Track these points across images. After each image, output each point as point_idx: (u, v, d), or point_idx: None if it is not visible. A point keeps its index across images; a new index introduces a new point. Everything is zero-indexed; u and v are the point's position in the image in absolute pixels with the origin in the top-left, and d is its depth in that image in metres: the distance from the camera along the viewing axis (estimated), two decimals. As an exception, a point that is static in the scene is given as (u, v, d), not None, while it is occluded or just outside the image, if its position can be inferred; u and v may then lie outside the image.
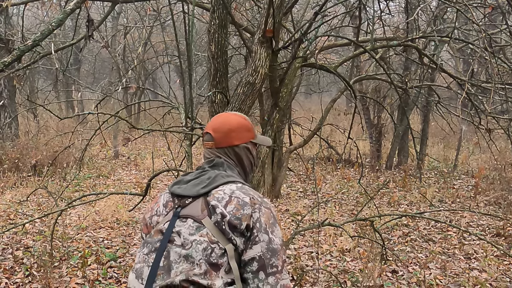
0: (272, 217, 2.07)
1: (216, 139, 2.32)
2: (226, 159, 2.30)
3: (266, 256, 1.97)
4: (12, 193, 9.48)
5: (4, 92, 12.10)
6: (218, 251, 1.97)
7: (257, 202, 2.05)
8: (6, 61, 3.27)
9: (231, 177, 2.17)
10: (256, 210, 2.03)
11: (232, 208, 2.01)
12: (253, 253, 1.98)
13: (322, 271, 6.06)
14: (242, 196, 2.05)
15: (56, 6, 10.07)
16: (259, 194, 2.15)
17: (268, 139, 2.55)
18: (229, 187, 2.10)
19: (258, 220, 2.01)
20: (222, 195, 2.06)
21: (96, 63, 23.29)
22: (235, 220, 1.99)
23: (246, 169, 2.37)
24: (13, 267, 6.01)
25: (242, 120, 2.36)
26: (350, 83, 5.47)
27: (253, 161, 2.40)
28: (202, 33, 15.47)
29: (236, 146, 2.31)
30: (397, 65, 13.51)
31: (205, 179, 2.16)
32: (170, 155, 13.45)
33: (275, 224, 2.06)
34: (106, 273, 5.93)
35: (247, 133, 2.34)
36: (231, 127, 2.31)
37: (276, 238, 2.03)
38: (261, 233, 2.00)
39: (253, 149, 2.40)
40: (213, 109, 4.85)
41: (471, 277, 6.03)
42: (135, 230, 7.70)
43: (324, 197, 10.12)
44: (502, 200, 9.60)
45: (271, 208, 2.11)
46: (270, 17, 4.23)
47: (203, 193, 2.10)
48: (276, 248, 2.00)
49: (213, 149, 2.33)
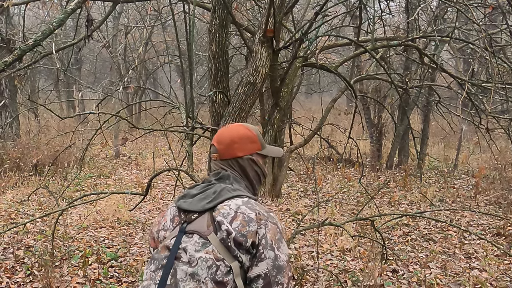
0: (278, 233, 2.03)
1: (219, 150, 2.28)
2: (232, 171, 2.25)
3: (271, 274, 1.95)
4: (13, 192, 9.49)
5: (5, 92, 12.12)
6: (223, 268, 1.94)
7: (263, 218, 2.02)
8: (7, 61, 3.28)
9: (237, 191, 2.13)
10: (262, 226, 1.99)
11: (238, 224, 1.98)
12: (258, 271, 1.95)
13: (323, 271, 6.06)
14: (247, 212, 2.02)
15: (57, 6, 10.09)
16: (265, 208, 2.11)
17: (278, 150, 2.47)
18: (234, 202, 2.07)
19: (264, 236, 1.98)
20: (228, 210, 2.03)
21: (97, 63, 23.32)
22: (241, 237, 1.96)
23: (252, 181, 2.30)
24: (14, 266, 6.01)
25: (246, 131, 2.30)
26: (350, 83, 5.49)
27: (260, 173, 2.33)
28: (203, 33, 15.48)
29: (239, 158, 2.26)
30: (397, 65, 13.53)
31: (211, 194, 2.12)
32: (171, 154, 13.46)
33: (281, 239, 2.03)
34: (107, 272, 5.92)
35: (252, 145, 2.29)
36: (233, 139, 2.26)
37: (282, 255, 2.00)
38: (266, 250, 1.97)
39: (260, 161, 2.33)
40: (214, 108, 4.85)
41: (472, 276, 6.03)
42: (136, 229, 7.71)
43: (324, 197, 10.13)
44: (502, 200, 9.60)
45: (278, 223, 2.07)
46: (271, 17, 4.24)
47: (208, 208, 2.07)
48: (282, 265, 1.98)
49: (218, 161, 2.29)
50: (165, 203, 9.32)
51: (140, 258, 6.40)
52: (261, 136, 2.35)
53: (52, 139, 11.71)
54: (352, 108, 16.97)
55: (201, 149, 15.22)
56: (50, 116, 16.13)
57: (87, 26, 3.64)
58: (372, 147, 13.72)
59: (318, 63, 5.29)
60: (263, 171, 2.33)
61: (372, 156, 13.68)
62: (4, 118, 12.28)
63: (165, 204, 9.24)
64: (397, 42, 5.84)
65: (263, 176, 2.35)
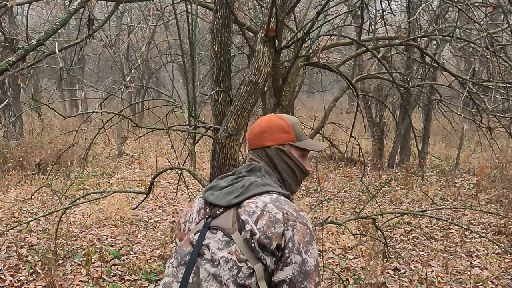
0: (308, 234, 1.89)
1: (249, 140, 2.19)
2: (264, 163, 2.12)
3: (297, 279, 1.82)
4: (16, 191, 9.53)
5: (8, 91, 12.16)
6: (246, 270, 1.84)
7: (291, 219, 1.88)
8: (10, 60, 3.31)
9: (267, 187, 2.00)
10: (290, 228, 1.86)
11: (263, 225, 1.86)
12: (283, 275, 1.83)
13: (325, 269, 6.09)
14: (274, 212, 1.88)
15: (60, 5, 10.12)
16: (295, 207, 1.95)
17: (320, 145, 2.26)
18: (262, 199, 1.94)
19: (291, 239, 1.85)
20: (254, 208, 1.91)
21: (100, 62, 23.31)
22: (265, 239, 1.84)
23: (282, 174, 2.13)
24: (18, 264, 6.05)
25: (278, 120, 2.16)
26: (352, 82, 5.50)
27: (294, 166, 2.14)
28: (205, 33, 15.49)
29: (267, 147, 2.12)
30: (399, 64, 13.53)
31: (239, 188, 2.00)
32: (173, 153, 13.47)
33: (311, 242, 1.89)
34: (110, 270, 5.96)
35: (283, 135, 2.13)
36: (263, 128, 2.15)
37: (311, 259, 1.86)
38: (293, 254, 1.84)
39: (294, 153, 2.14)
40: (216, 108, 4.87)
41: (473, 274, 6.05)
42: (138, 228, 7.75)
43: (326, 195, 10.15)
44: (503, 198, 9.61)
45: (308, 223, 1.92)
46: (273, 16, 4.25)
47: (234, 203, 1.95)
48: (309, 270, 1.84)
49: (249, 152, 2.19)
50: (167, 202, 9.35)
51: (143, 256, 6.43)
52: (300, 128, 2.18)
53: (55, 138, 11.74)
54: (353, 107, 16.97)
55: (204, 148, 15.24)
56: (53, 115, 16.14)
57: (88, 26, 3.68)
58: (373, 146, 13.74)
59: (320, 62, 5.31)
60: (298, 165, 2.15)
61: (373, 155, 13.70)
62: (8, 117, 12.33)
63: (168, 203, 9.27)
64: (399, 41, 5.85)
65: (299, 170, 2.16)
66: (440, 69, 6.03)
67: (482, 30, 4.84)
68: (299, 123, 2.20)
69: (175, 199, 9.43)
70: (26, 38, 7.07)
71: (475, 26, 7.16)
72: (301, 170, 2.17)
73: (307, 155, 2.21)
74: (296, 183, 2.19)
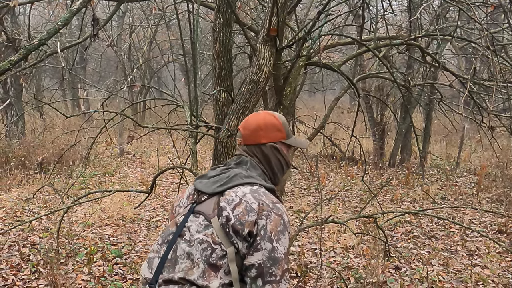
0: (281, 224, 2.03)
1: (244, 136, 2.31)
2: (252, 157, 2.28)
3: (266, 265, 1.97)
4: (18, 190, 9.54)
5: (10, 91, 12.18)
6: (219, 252, 2.01)
7: (265, 209, 2.03)
8: (13, 60, 3.32)
9: (250, 179, 2.16)
10: (263, 217, 2.01)
11: (239, 212, 2.02)
12: (253, 260, 1.99)
13: (326, 268, 6.11)
14: (251, 201, 2.05)
15: (62, 5, 10.12)
16: (273, 198, 2.12)
17: (304, 142, 2.49)
18: (242, 189, 2.11)
19: (263, 227, 2.00)
20: (233, 197, 2.08)
21: (101, 61, 23.36)
22: (239, 225, 2.00)
23: (274, 169, 2.31)
24: (20, 263, 6.04)
25: (272, 119, 2.32)
26: (353, 82, 5.52)
27: (283, 161, 2.33)
28: (207, 32, 15.52)
29: (263, 144, 2.28)
30: (400, 63, 13.54)
31: (224, 178, 2.17)
32: (175, 153, 13.49)
33: (283, 232, 2.03)
34: (111, 269, 5.97)
35: (276, 133, 2.30)
36: (259, 125, 2.29)
37: (281, 247, 2.01)
38: (264, 241, 1.99)
39: (284, 150, 2.33)
40: (218, 107, 4.89)
41: (474, 273, 6.05)
42: (140, 227, 7.76)
43: (327, 195, 10.17)
44: (504, 197, 9.62)
45: (283, 215, 2.07)
46: (274, 16, 4.28)
47: (218, 191, 2.13)
48: (278, 257, 1.99)
49: (241, 146, 2.33)
50: (169, 201, 9.37)
51: (145, 255, 6.44)
52: (288, 126, 2.36)
53: (57, 138, 11.74)
54: (355, 106, 16.98)
55: (205, 147, 15.26)
56: (55, 115, 16.17)
57: (93, 26, 3.69)
58: (374, 145, 13.75)
59: (321, 62, 5.34)
60: (286, 161, 2.34)
61: (374, 154, 13.71)
62: (10, 116, 12.35)
63: (169, 202, 9.29)
64: (400, 41, 5.87)
65: (286, 165, 2.35)
66: (441, 69, 6.05)
67: (483, 30, 4.85)
68: (287, 122, 2.38)
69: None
70: (28, 37, 7.10)
71: (476, 26, 7.18)
72: (287, 164, 2.37)
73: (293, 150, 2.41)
74: (282, 176, 2.38)
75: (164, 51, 17.92)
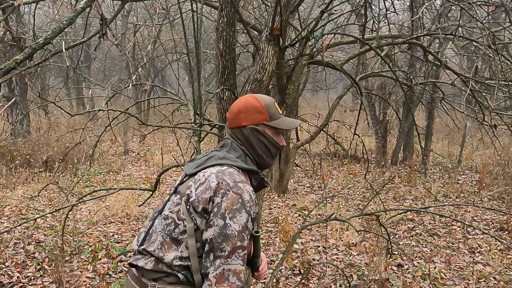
0: (238, 203, 2.07)
1: (228, 119, 2.36)
2: (235, 140, 2.32)
3: (217, 240, 2.03)
4: (23, 188, 9.58)
5: (16, 89, 12.24)
6: (182, 228, 2.12)
7: (223, 188, 2.09)
8: (18, 59, 3.36)
9: (223, 160, 2.22)
10: (219, 195, 2.07)
11: (200, 191, 2.12)
12: (206, 235, 2.06)
13: (329, 265, 6.15)
14: (212, 180, 2.12)
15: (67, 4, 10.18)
16: (237, 178, 2.15)
17: (291, 122, 2.39)
18: (211, 169, 2.18)
19: (217, 205, 2.06)
20: (200, 177, 2.17)
21: (106, 60, 23.39)
22: (196, 203, 2.10)
23: (257, 151, 2.31)
24: (25, 261, 6.07)
25: (253, 101, 2.31)
26: (356, 80, 5.54)
27: (269, 144, 2.31)
28: (211, 31, 15.55)
29: (243, 127, 2.30)
30: (402, 62, 13.54)
31: (203, 160, 2.27)
32: (179, 151, 13.54)
33: (240, 210, 2.07)
34: (116, 267, 5.99)
35: (257, 115, 2.29)
36: (239, 108, 2.31)
37: (235, 224, 2.05)
38: (216, 218, 2.05)
39: (268, 132, 2.31)
40: (221, 106, 4.91)
41: (475, 270, 6.09)
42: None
43: (330, 192, 10.20)
44: (505, 195, 9.65)
45: (243, 194, 2.10)
46: (277, 15, 4.30)
47: (193, 172, 2.22)
48: (229, 234, 2.03)
49: (227, 130, 2.37)
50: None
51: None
52: (274, 108, 2.33)
53: (62, 136, 11.79)
54: (357, 105, 16.98)
55: (209, 145, 15.29)
56: (60, 113, 16.21)
57: (101, 25, 3.72)
58: (377, 143, 13.79)
59: (324, 61, 5.35)
60: (273, 143, 2.33)
61: (377, 152, 13.75)
62: (15, 115, 12.41)
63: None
64: (402, 40, 5.88)
65: (274, 147, 2.34)
66: (442, 67, 6.07)
67: (485, 29, 4.90)
68: (273, 103, 2.34)
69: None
70: (33, 36, 7.13)
71: (478, 25, 7.22)
72: (275, 146, 2.35)
73: (282, 132, 2.38)
74: (271, 158, 2.38)
75: (168, 50, 17.97)
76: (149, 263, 2.15)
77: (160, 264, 2.13)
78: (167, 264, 2.12)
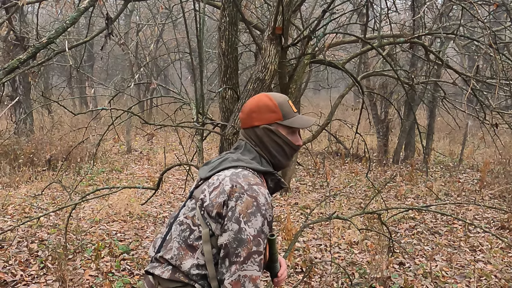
0: (253, 206, 2.00)
1: (241, 120, 2.29)
2: (249, 141, 2.24)
3: (232, 245, 1.96)
4: (27, 187, 9.59)
5: (19, 89, 12.28)
6: (197, 234, 2.06)
7: (238, 191, 2.01)
8: (21, 58, 3.39)
9: (237, 162, 2.15)
10: (233, 199, 2.00)
11: (214, 195, 2.05)
12: (221, 241, 2.00)
13: (331, 263, 6.16)
14: (226, 184, 2.05)
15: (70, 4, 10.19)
16: (252, 181, 2.07)
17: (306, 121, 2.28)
18: (225, 172, 2.11)
19: (231, 209, 1.99)
20: (215, 180, 2.10)
21: (109, 60, 23.42)
22: (210, 207, 2.04)
23: (271, 151, 2.23)
24: (28, 259, 6.06)
25: (266, 100, 2.23)
26: (357, 79, 5.57)
27: (283, 143, 2.22)
28: (213, 31, 15.56)
29: (256, 127, 2.22)
30: (403, 61, 13.58)
31: (217, 163, 2.19)
32: (181, 150, 13.56)
33: (255, 213, 2.00)
34: (119, 265, 5.98)
35: (270, 114, 2.21)
36: (251, 108, 2.23)
37: (250, 229, 1.98)
38: (231, 222, 1.98)
39: (283, 131, 2.22)
40: (224, 105, 4.94)
41: (477, 269, 6.09)
42: (147, 223, 7.81)
43: (332, 191, 10.19)
44: (506, 194, 9.65)
45: (258, 197, 2.03)
46: (280, 14, 4.33)
47: (208, 176, 2.16)
48: (244, 238, 1.96)
49: (241, 131, 2.30)
50: (176, 197, 9.43)
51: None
52: (288, 106, 2.25)
53: (65, 135, 11.81)
54: (359, 104, 17.01)
55: (211, 144, 15.32)
56: (63, 112, 16.22)
57: (107, 24, 3.76)
58: (379, 142, 13.80)
59: (326, 60, 5.38)
60: (287, 142, 2.24)
61: (379, 151, 13.76)
62: (18, 114, 12.46)
63: (176, 199, 9.36)
64: (403, 39, 5.90)
65: (289, 147, 2.25)
66: (444, 67, 6.10)
67: (486, 28, 4.91)
68: (287, 101, 2.26)
69: (183, 195, 9.51)
70: (36, 36, 7.16)
71: (479, 24, 7.23)
72: (290, 146, 2.26)
73: (297, 131, 2.30)
74: (286, 158, 2.29)
75: (170, 49, 17.99)
76: (166, 272, 2.10)
77: (177, 274, 2.08)
78: (184, 273, 2.06)
